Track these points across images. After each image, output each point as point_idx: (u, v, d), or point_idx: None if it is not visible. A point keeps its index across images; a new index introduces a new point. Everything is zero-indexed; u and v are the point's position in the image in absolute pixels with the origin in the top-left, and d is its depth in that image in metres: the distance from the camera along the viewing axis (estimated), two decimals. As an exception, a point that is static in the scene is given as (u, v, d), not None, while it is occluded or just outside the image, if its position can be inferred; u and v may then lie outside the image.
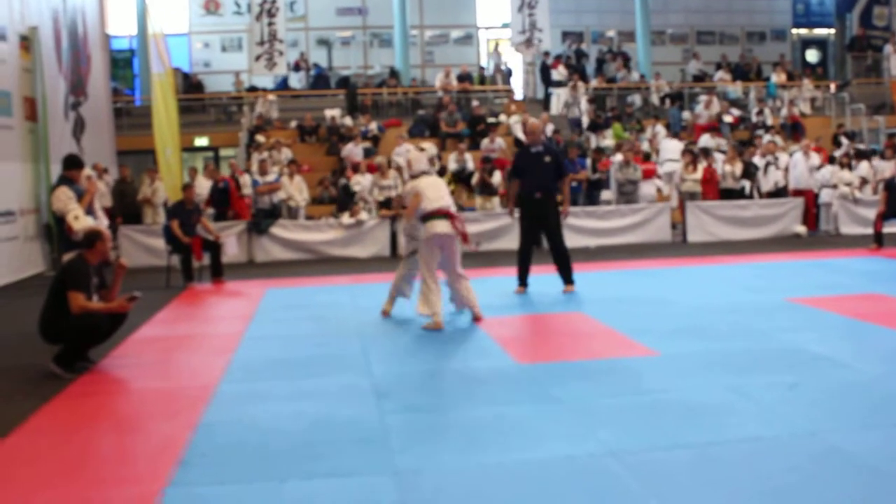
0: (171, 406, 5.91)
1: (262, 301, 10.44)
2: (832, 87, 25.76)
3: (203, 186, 15.73)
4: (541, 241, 11.13)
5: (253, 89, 23.49)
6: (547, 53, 23.85)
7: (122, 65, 25.07)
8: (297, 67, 24.67)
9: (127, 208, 15.98)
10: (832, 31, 29.87)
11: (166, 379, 6.83)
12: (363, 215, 15.18)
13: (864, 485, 4.15)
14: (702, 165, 16.86)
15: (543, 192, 10.19)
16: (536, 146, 10.40)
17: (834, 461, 4.47)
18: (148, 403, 6.11)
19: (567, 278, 10.40)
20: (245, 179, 16.22)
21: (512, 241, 15.24)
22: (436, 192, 8.49)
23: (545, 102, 23.45)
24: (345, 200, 15.74)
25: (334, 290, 11.32)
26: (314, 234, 15.17)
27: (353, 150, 18.20)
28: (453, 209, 8.62)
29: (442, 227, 8.37)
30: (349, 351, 7.41)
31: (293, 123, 20.83)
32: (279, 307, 9.97)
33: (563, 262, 10.40)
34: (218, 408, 5.76)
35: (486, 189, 16.46)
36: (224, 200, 15.56)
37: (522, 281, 10.50)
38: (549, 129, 19.61)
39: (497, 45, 24.55)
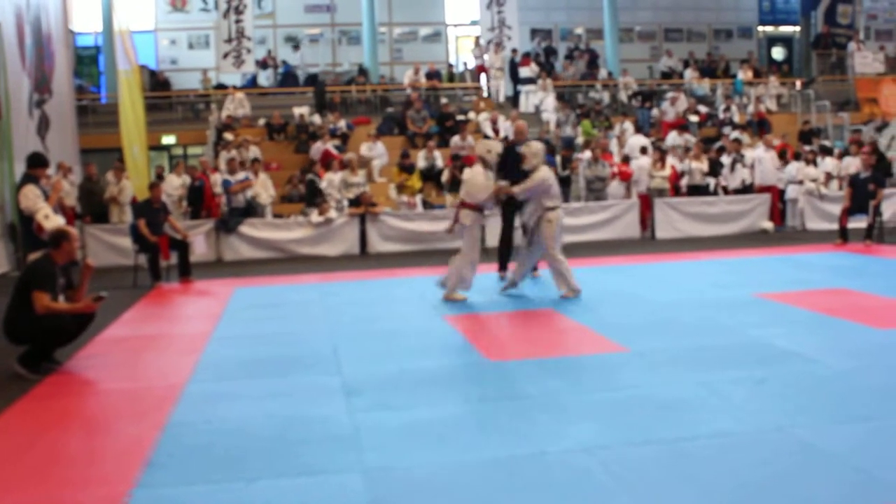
0: (138, 407, 5.85)
1: (231, 300, 10.36)
2: (798, 84, 26.00)
3: (173, 185, 15.60)
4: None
5: (220, 87, 23.31)
6: (515, 51, 23.87)
7: (88, 62, 24.78)
8: (264, 65, 24.52)
9: (93, 207, 15.80)
10: (797, 28, 30.14)
11: (134, 379, 6.76)
12: (332, 213, 15.12)
13: (832, 478, 4.19)
14: (670, 162, 16.97)
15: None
16: (520, 145, 10.78)
17: (802, 455, 4.51)
18: (115, 404, 6.04)
19: (503, 265, 11.15)
20: (216, 178, 16.09)
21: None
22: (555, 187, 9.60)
23: (514, 100, 23.46)
24: (312, 196, 15.67)
25: (303, 288, 11.26)
26: (283, 232, 15.08)
27: (327, 147, 18.11)
28: None
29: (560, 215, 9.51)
30: (319, 350, 7.37)
31: (261, 121, 20.69)
32: (248, 306, 9.90)
33: (508, 252, 11.15)
34: (186, 408, 5.71)
35: (457, 186, 16.41)
36: (199, 198, 15.43)
37: (503, 265, 11.10)
38: (519, 126, 19.62)
39: (478, 41, 24.43)
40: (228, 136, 18.87)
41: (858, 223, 13.94)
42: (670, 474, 4.29)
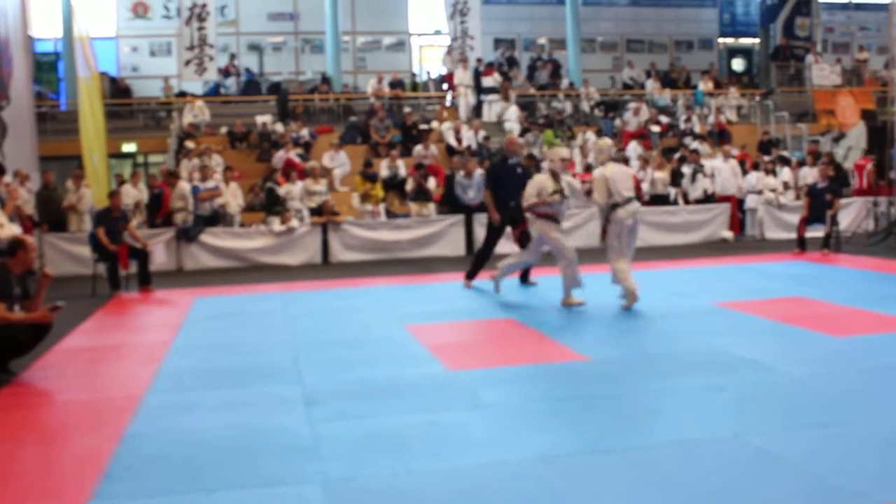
0: (95, 418, 5.78)
1: (191, 310, 10.28)
2: (757, 95, 26.32)
3: (129, 195, 15.44)
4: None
5: (182, 95, 23.15)
6: (479, 60, 23.95)
7: (47, 68, 24.48)
8: (227, 73, 24.40)
9: (51, 215, 15.60)
10: (757, 40, 30.54)
11: (91, 390, 6.68)
12: (294, 222, 15.06)
13: (788, 486, 4.23)
14: (631, 172, 17.08)
15: (516, 201, 10.61)
16: (513, 158, 11.20)
17: (759, 462, 4.56)
18: (72, 416, 5.97)
19: (473, 270, 11.37)
20: (182, 186, 15.93)
21: (445, 248, 15.36)
22: (626, 182, 9.27)
23: (477, 109, 23.51)
24: (272, 205, 15.59)
25: (265, 298, 11.20)
26: (244, 241, 14.99)
27: (289, 155, 18.04)
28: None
29: (630, 212, 9.20)
30: (279, 360, 7.33)
31: (223, 129, 20.57)
32: (208, 316, 9.83)
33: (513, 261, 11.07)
34: (144, 419, 5.65)
35: (422, 195, 16.45)
36: (157, 207, 15.28)
37: (473, 275, 11.33)
38: (481, 135, 19.72)
39: (450, 50, 24.40)
40: (190, 144, 18.74)
41: (816, 233, 14.13)
42: (628, 483, 4.32)
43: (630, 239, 9.39)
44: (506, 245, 12.11)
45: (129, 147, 21.23)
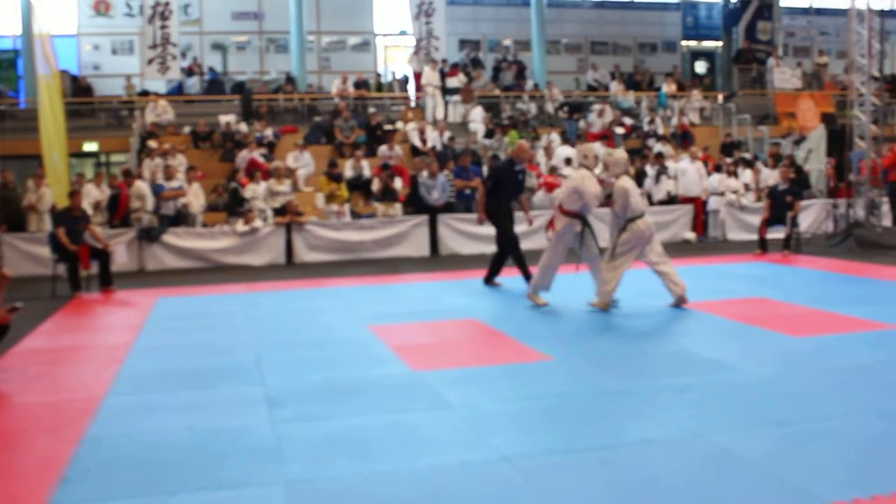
0: (54, 420, 5.71)
1: (153, 311, 10.19)
2: (720, 97, 26.57)
3: (90, 195, 15.26)
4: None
5: (145, 93, 22.91)
6: (444, 61, 23.96)
7: (6, 66, 24.16)
8: (190, 72, 24.20)
9: (10, 215, 15.37)
10: (719, 44, 30.83)
11: (50, 392, 6.59)
12: (258, 223, 14.97)
13: (749, 484, 4.27)
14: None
15: (512, 203, 11.28)
16: (519, 164, 11.28)
17: (722, 461, 4.59)
18: (30, 418, 5.88)
19: (493, 273, 11.46)
20: (141, 185, 15.77)
21: (409, 249, 15.35)
22: (640, 195, 9.63)
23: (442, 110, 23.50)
24: (235, 206, 15.50)
25: (228, 298, 11.12)
26: (207, 241, 14.88)
27: (253, 155, 17.93)
28: None
29: (648, 223, 9.39)
30: (242, 361, 7.29)
31: (186, 129, 20.39)
32: (170, 317, 9.74)
33: (501, 264, 11.42)
34: (104, 421, 5.59)
35: (389, 195, 16.41)
36: (115, 206, 15.12)
37: (495, 274, 11.44)
38: (446, 136, 19.72)
39: (418, 50, 24.31)
40: (152, 143, 18.57)
41: (777, 234, 14.29)
42: (591, 482, 4.34)
43: (652, 244, 9.45)
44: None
45: (90, 146, 20.98)
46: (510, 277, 11.49)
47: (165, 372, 6.95)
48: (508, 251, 11.28)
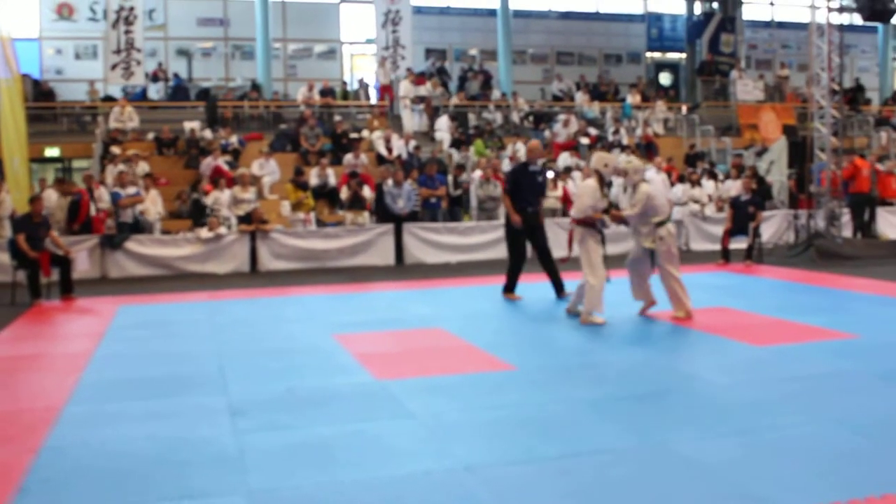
0: (11, 430, 5.62)
1: (115, 318, 10.08)
2: (683, 108, 26.84)
3: (51, 200, 15.08)
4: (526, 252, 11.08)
5: (108, 99, 22.72)
6: (409, 70, 23.99)
7: (-34, 70, 23.85)
8: (155, 77, 24.03)
9: (-31, 221, 15.17)
10: (683, 55, 31.16)
11: (9, 401, 6.48)
12: (222, 230, 14.87)
13: (709, 492, 4.30)
14: (562, 184, 17.28)
15: (534, 207, 10.78)
16: (534, 165, 11.00)
17: (682, 470, 4.63)
18: (-13, 427, 5.80)
19: (559, 286, 10.83)
20: (101, 192, 15.63)
21: (375, 257, 15.32)
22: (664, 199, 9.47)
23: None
24: (198, 216, 15.40)
25: (191, 307, 11.03)
26: (171, 249, 14.75)
27: (217, 162, 17.82)
28: None
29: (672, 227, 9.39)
30: (205, 370, 7.23)
31: (150, 135, 20.24)
32: (132, 325, 9.65)
33: (554, 270, 10.88)
34: (63, 431, 5.52)
35: (357, 203, 16.36)
36: (76, 213, 14.94)
37: (513, 286, 10.91)
38: (412, 145, 19.73)
39: (383, 62, 24.21)
40: (115, 149, 18.40)
41: (739, 244, 14.44)
42: (553, 492, 4.35)
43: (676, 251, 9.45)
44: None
45: (52, 152, 20.75)
46: (478, 286, 11.54)
47: (127, 381, 6.88)
48: (513, 263, 10.93)
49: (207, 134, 19.93)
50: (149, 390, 6.55)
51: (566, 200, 17.11)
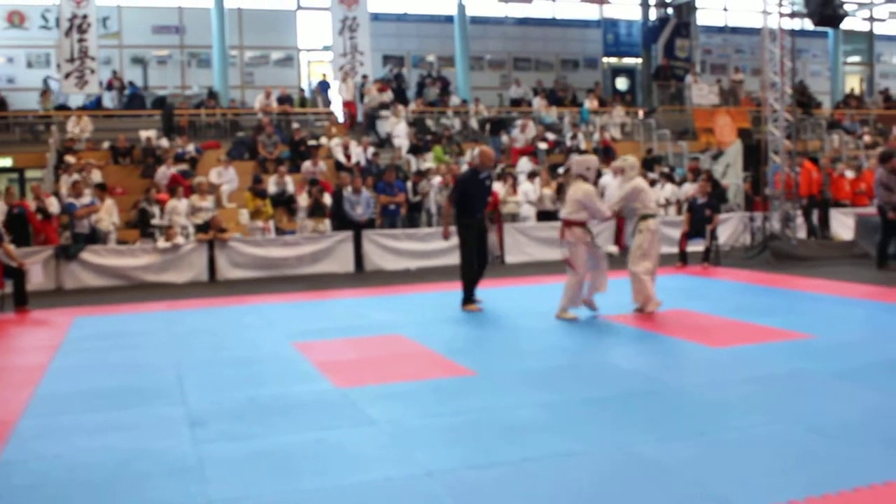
0: (-36, 445, 5.52)
1: (71, 330, 9.95)
2: (640, 113, 27.08)
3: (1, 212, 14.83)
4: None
5: (62, 108, 22.44)
6: (365, 77, 23.97)
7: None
8: (109, 86, 23.77)
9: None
10: (639, 60, 31.44)
11: (-39, 416, 6.38)
12: (179, 239, 14.73)
13: (669, 493, 4.33)
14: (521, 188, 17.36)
15: (481, 213, 10.73)
16: (484, 171, 10.79)
17: (642, 471, 4.65)
18: (-61, 443, 5.69)
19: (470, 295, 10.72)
20: (52, 202, 15.42)
21: (334, 265, 15.26)
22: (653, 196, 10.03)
23: (365, 126, 23.50)
24: (143, 226, 15.23)
25: (149, 317, 10.91)
26: (127, 259, 14.57)
27: (173, 171, 17.67)
28: None
29: (658, 222, 9.90)
30: (163, 380, 7.15)
31: (105, 144, 20.02)
32: (89, 336, 9.52)
33: (478, 278, 10.75)
34: (17, 445, 5.42)
35: (318, 210, 16.28)
36: (20, 227, 14.60)
37: (471, 297, 10.63)
38: (370, 151, 19.71)
39: (345, 77, 24.02)
40: (70, 158, 18.18)
41: (696, 247, 14.59)
42: (514, 495, 4.35)
43: (657, 245, 9.94)
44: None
45: (4, 162, 20.46)
46: (435, 292, 11.53)
47: (83, 393, 6.79)
48: (463, 274, 10.60)
49: (164, 142, 19.77)
50: (106, 402, 6.47)
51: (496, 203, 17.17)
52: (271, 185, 17.37)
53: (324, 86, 24.75)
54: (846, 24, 28.54)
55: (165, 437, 5.50)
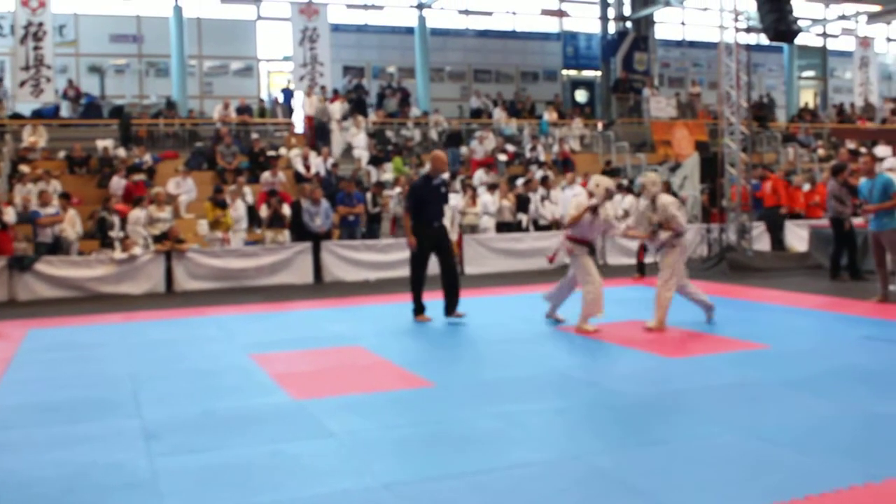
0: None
1: (24, 342, 9.79)
2: (599, 125, 27.30)
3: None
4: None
5: (17, 116, 22.14)
6: (324, 88, 23.93)
7: None
8: (65, 95, 23.50)
9: None
10: (598, 73, 31.71)
11: None
12: (136, 250, 14.59)
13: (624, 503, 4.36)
14: (480, 200, 17.42)
15: (439, 222, 10.43)
16: (437, 178, 10.59)
17: (598, 482, 4.68)
18: None
19: (454, 304, 10.40)
20: (9, 212, 15.19)
21: (293, 276, 15.20)
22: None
23: (320, 137, 23.42)
24: (102, 236, 15.06)
25: (105, 329, 10.78)
26: (83, 270, 14.39)
27: (130, 181, 17.50)
28: None
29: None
30: (118, 393, 7.07)
31: (62, 154, 19.79)
32: (42, 348, 9.39)
33: (454, 288, 10.42)
34: (-33, 459, 5.33)
35: (277, 221, 16.20)
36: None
37: (422, 308, 10.53)
38: (330, 162, 19.68)
39: (309, 92, 23.83)
40: (24, 168, 17.93)
41: (654, 258, 14.67)
42: (471, 507, 4.37)
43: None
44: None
45: (-43, 171, 20.12)
46: (394, 304, 11.50)
47: (35, 406, 6.69)
48: (412, 280, 10.61)
49: (121, 152, 19.58)
50: (59, 415, 6.39)
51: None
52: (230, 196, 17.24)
53: (287, 93, 24.64)
54: (801, 40, 29.08)
55: (120, 450, 5.44)
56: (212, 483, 4.79)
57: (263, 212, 16.55)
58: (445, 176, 11.45)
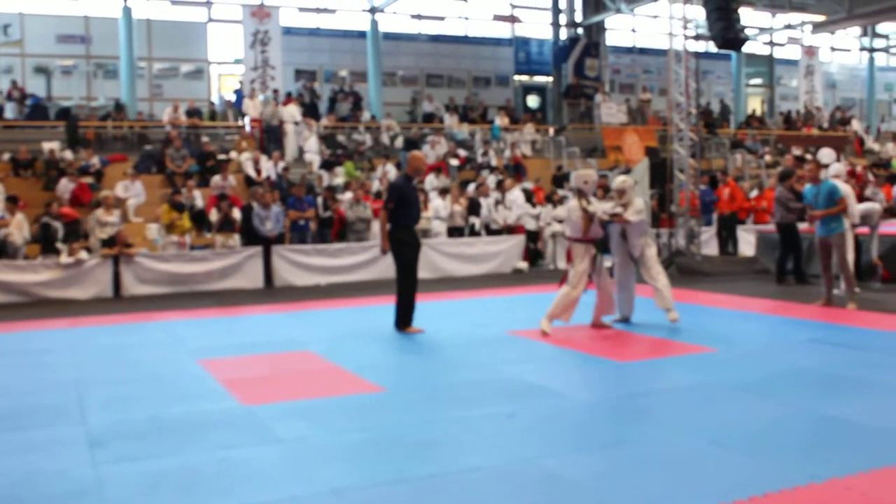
0: None
1: (-35, 348, 9.59)
2: (551, 131, 27.45)
3: None
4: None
5: (-41, 118, 21.72)
6: (277, 91, 23.79)
7: None
8: (9, 96, 23.08)
9: None
10: (550, 79, 31.91)
11: None
12: (83, 254, 14.35)
13: (572, 507, 4.39)
14: (437, 203, 17.42)
15: (416, 223, 10.28)
16: (416, 179, 10.56)
17: (548, 486, 4.69)
18: None
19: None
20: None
21: (243, 281, 15.07)
22: None
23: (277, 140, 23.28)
24: (45, 241, 14.80)
25: (49, 334, 10.60)
26: (28, 274, 14.13)
27: (76, 184, 17.22)
28: None
29: None
30: (62, 400, 6.93)
31: (6, 156, 19.42)
32: (-16, 354, 9.20)
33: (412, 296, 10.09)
34: None
35: (228, 225, 16.04)
36: None
37: (410, 319, 10.10)
38: (281, 166, 19.55)
39: (253, 94, 23.60)
40: (-33, 171, 17.58)
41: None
42: (421, 512, 4.35)
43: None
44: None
45: None
46: (345, 308, 11.45)
47: (-25, 414, 6.55)
48: (407, 290, 10.07)
49: (68, 155, 19.27)
50: (2, 423, 6.24)
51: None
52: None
53: (239, 94, 24.42)
54: (748, 48, 29.53)
55: (62, 459, 5.34)
56: (158, 490, 4.72)
57: (214, 216, 16.39)
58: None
